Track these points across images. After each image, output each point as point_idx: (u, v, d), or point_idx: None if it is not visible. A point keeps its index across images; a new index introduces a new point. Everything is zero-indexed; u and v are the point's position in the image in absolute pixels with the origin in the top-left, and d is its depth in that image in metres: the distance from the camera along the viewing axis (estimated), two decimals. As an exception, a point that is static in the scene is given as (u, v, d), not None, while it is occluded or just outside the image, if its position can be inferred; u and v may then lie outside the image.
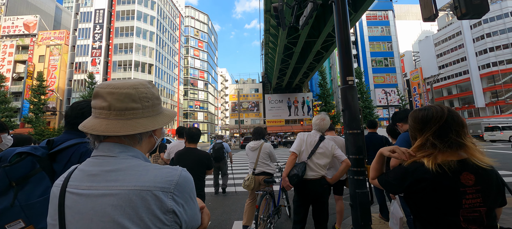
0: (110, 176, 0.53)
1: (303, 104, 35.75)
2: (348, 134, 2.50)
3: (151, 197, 0.51)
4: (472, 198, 0.84)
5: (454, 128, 0.90)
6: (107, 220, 0.49)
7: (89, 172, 0.55)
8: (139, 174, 0.54)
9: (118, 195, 0.51)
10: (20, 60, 36.01)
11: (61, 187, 0.55)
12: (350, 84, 2.57)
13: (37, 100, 28.37)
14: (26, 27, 36.18)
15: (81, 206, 0.51)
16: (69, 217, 0.51)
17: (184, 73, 54.31)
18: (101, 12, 35.97)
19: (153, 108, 0.63)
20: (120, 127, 0.56)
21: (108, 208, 0.50)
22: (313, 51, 19.67)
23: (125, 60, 35.45)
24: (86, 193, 0.52)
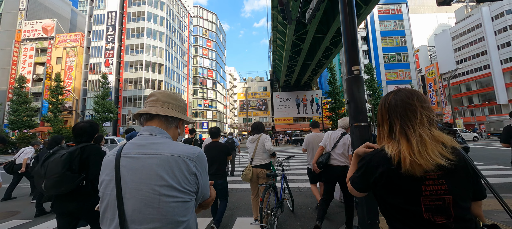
0: (153, 146, 0.80)
1: (312, 102, 35.21)
2: (353, 127, 2.35)
3: (182, 161, 0.79)
4: (433, 184, 0.75)
5: None
6: (152, 173, 0.75)
7: (138, 144, 0.81)
8: (173, 146, 0.82)
9: (160, 157, 0.77)
10: (39, 62, 37.89)
11: (116, 154, 0.80)
12: (356, 74, 2.41)
13: (55, 100, 29.75)
14: (45, 30, 37.97)
15: (134, 164, 0.77)
16: (123, 172, 0.76)
17: (193, 72, 55.03)
18: (113, 14, 37.07)
19: (181, 108, 0.96)
20: (161, 111, 0.89)
21: (153, 165, 0.76)
22: (321, 47, 19.25)
23: (136, 61, 36.38)
24: (137, 156, 0.78)
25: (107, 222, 0.74)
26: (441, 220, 0.74)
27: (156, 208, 0.72)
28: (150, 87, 36.30)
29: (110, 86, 32.08)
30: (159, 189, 0.73)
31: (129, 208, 0.72)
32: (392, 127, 0.84)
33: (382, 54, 36.23)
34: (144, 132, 0.85)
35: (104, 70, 35.05)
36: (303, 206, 4.17)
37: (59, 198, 1.80)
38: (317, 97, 34.94)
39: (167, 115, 0.89)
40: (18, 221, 3.84)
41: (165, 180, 0.74)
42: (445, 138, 0.79)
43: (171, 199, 0.74)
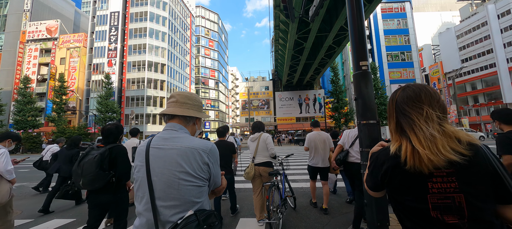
0: (174, 140, 0.99)
1: (315, 102, 34.97)
2: (361, 125, 2.25)
3: (197, 152, 0.96)
4: (442, 181, 0.72)
5: None
6: (173, 161, 0.93)
7: (163, 137, 1.00)
8: (190, 140, 0.99)
9: (179, 149, 0.96)
10: (43, 63, 38.26)
11: (146, 145, 0.99)
12: (364, 69, 2.31)
13: (59, 100, 30.02)
14: (49, 31, 38.32)
15: (159, 153, 0.95)
16: (151, 159, 0.95)
17: (195, 72, 55.13)
18: (116, 14, 37.27)
19: (198, 107, 1.13)
20: (180, 111, 1.05)
21: (174, 155, 0.94)
22: (324, 46, 19.08)
23: (139, 61, 36.53)
24: (162, 147, 0.97)
25: (139, 198, 0.94)
26: (452, 220, 0.70)
27: (176, 189, 0.90)
28: (152, 87, 36.42)
29: (113, 86, 32.26)
30: (178, 174, 0.91)
31: (156, 188, 0.90)
32: (398, 123, 0.83)
33: (386, 53, 35.81)
34: (168, 128, 1.03)
35: (107, 70, 35.26)
36: (307, 207, 4.08)
37: (92, 192, 2.15)
38: (320, 96, 34.69)
39: (186, 115, 1.06)
40: (19, 221, 3.81)
41: (183, 167, 0.92)
42: (460, 133, 0.75)
43: (188, 183, 0.92)
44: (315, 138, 3.77)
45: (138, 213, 0.93)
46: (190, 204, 0.90)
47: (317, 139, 3.75)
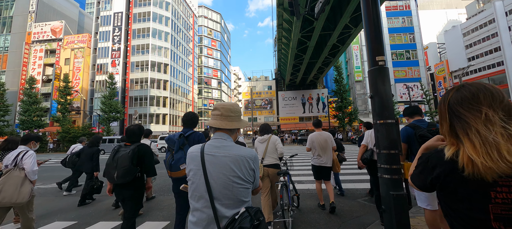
0: (225, 148, 1.13)
1: (318, 101, 34.69)
2: (378, 124, 2.09)
3: (245, 160, 1.11)
4: (508, 191, 0.65)
5: None
6: (227, 167, 1.08)
7: (214, 145, 1.14)
8: (239, 149, 1.14)
9: (231, 156, 1.10)
10: (48, 63, 38.67)
11: (201, 151, 1.12)
12: (381, 65, 2.15)
13: (63, 100, 30.27)
14: (53, 32, 38.70)
15: (214, 160, 1.09)
16: (207, 165, 1.08)
17: (198, 72, 55.20)
18: (119, 15, 37.46)
19: (239, 117, 1.25)
20: (226, 124, 1.18)
21: (227, 161, 1.09)
22: (328, 44, 18.84)
23: (142, 61, 36.68)
24: (215, 154, 1.11)
25: (196, 198, 1.09)
26: None
27: (231, 191, 1.06)
28: (155, 87, 36.54)
29: (116, 86, 32.43)
30: (232, 178, 1.06)
31: (214, 189, 1.05)
32: (452, 126, 0.76)
33: (390, 51, 35.34)
34: (217, 137, 1.17)
35: (111, 70, 35.47)
36: (315, 210, 3.92)
37: (117, 186, 2.42)
38: (323, 96, 34.41)
39: (231, 128, 1.20)
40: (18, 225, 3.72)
41: (235, 172, 1.07)
42: None
43: (239, 185, 1.08)
44: (316, 138, 3.86)
45: (196, 209, 1.08)
46: (240, 202, 1.07)
47: (318, 139, 3.84)
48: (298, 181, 6.06)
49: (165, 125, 36.98)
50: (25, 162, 2.74)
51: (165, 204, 4.47)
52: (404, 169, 2.02)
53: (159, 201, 4.71)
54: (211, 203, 1.03)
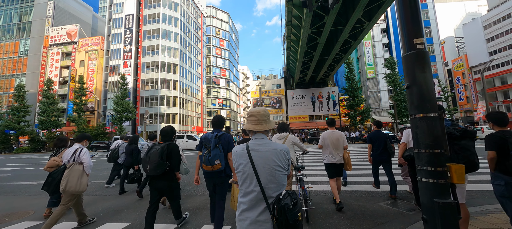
0: (266, 145, 1.38)
1: (328, 99, 33.87)
2: (417, 119, 1.77)
3: (282, 153, 1.36)
4: None
5: None
6: (270, 159, 1.32)
7: (257, 143, 1.39)
8: (276, 145, 1.39)
9: (272, 151, 1.35)
10: (64, 66, 40.23)
11: (246, 148, 1.37)
12: (420, 48, 1.82)
13: (78, 101, 31.36)
14: (69, 35, 40.20)
15: (259, 154, 1.34)
16: (254, 158, 1.34)
17: (207, 72, 55.61)
18: (130, 17, 38.31)
19: (269, 119, 1.50)
20: (262, 127, 1.44)
21: (270, 155, 1.34)
22: (339, 40, 18.23)
23: (153, 61, 37.33)
24: (259, 150, 1.36)
25: (247, 184, 1.34)
26: None
27: (274, 176, 1.32)
28: (165, 87, 37.08)
29: (128, 87, 33.20)
30: (274, 167, 1.32)
31: (262, 177, 1.31)
32: None
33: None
34: (258, 138, 1.43)
35: (123, 71, 36.35)
36: (332, 214, 3.60)
37: (153, 178, 2.88)
38: (334, 94, 33.54)
39: (266, 130, 1.47)
40: (30, 222, 3.68)
41: (276, 162, 1.34)
42: None
43: (280, 172, 1.34)
44: (329, 136, 4.00)
45: (247, 193, 1.34)
46: (281, 186, 1.34)
47: (331, 138, 3.98)
48: (312, 182, 5.75)
49: (175, 124, 37.49)
50: (82, 158, 3.27)
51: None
52: (450, 172, 1.69)
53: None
54: (260, 187, 1.30)
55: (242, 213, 1.33)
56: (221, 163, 2.70)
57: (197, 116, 46.29)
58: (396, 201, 4.10)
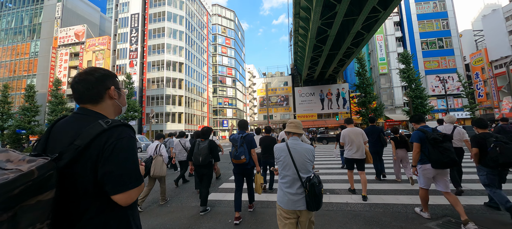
0: (299, 144, 2.03)
1: (338, 97, 32.46)
2: None
3: (310, 150, 2.01)
4: None
5: None
6: (303, 153, 1.98)
7: (294, 143, 2.06)
8: (306, 145, 2.03)
9: (304, 148, 2.00)
10: (73, 66, 40.68)
11: (286, 145, 2.02)
12: None
13: (85, 101, 31.44)
14: (76, 36, 40.60)
15: (296, 150, 1.99)
16: (292, 152, 1.98)
17: (212, 70, 55.14)
18: (136, 16, 38.22)
19: (301, 127, 2.20)
20: (298, 131, 2.13)
21: (302, 151, 1.99)
22: (351, 32, 17.02)
23: (158, 60, 37.09)
24: (295, 148, 2.00)
25: (286, 169, 1.96)
26: None
27: (305, 165, 1.93)
28: (171, 86, 36.77)
29: (134, 86, 33.05)
30: (305, 159, 1.94)
31: (297, 164, 1.92)
32: None
33: (420, 40, 31.97)
34: (293, 139, 2.07)
35: (129, 71, 36.30)
36: None
37: (198, 166, 3.96)
38: (344, 91, 32.10)
39: (301, 132, 2.14)
40: None
41: (307, 156, 1.96)
42: None
43: (309, 163, 1.95)
44: (349, 133, 4.34)
45: (286, 176, 1.96)
46: (309, 171, 1.93)
47: (351, 134, 4.32)
48: (330, 190, 4.83)
49: (181, 123, 37.15)
50: (162, 152, 4.51)
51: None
52: None
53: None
54: (297, 171, 1.90)
55: (284, 189, 1.95)
56: (246, 158, 3.44)
57: (203, 115, 45.88)
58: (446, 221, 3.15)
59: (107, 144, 0.85)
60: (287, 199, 1.88)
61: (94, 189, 0.83)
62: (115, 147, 0.86)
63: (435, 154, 2.85)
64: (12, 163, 0.68)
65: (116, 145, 0.86)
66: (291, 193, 1.88)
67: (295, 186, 1.87)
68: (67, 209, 0.79)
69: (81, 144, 0.82)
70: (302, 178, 1.86)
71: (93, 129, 0.85)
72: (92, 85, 0.97)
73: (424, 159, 3.07)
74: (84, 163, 0.82)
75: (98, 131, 0.85)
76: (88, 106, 0.96)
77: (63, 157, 0.79)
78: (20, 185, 0.63)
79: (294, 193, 1.87)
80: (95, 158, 0.83)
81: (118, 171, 0.85)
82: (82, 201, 0.82)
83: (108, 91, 1.02)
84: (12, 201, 0.62)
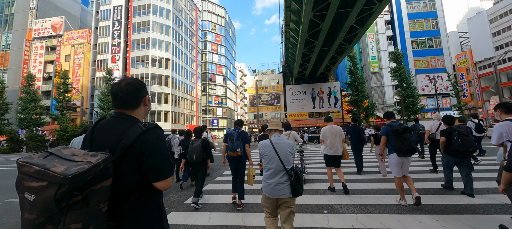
0: (282, 139, 2.31)
1: (330, 95, 31.92)
2: None
3: (291, 145, 2.30)
4: None
5: None
6: (285, 148, 2.25)
7: (277, 138, 2.31)
8: (287, 140, 2.32)
9: (286, 143, 2.28)
10: (49, 61, 37.78)
11: (270, 141, 2.29)
12: None
13: (62, 98, 29.03)
14: (53, 28, 37.73)
15: (278, 144, 2.25)
16: (276, 147, 2.24)
17: (202, 68, 53.41)
18: (119, 8, 35.98)
19: (282, 125, 2.52)
20: (279, 128, 2.42)
21: (285, 145, 2.26)
22: (344, 27, 16.26)
23: (143, 55, 35.08)
24: (278, 143, 2.26)
25: (271, 162, 2.19)
26: None
27: (287, 157, 2.20)
28: (156, 83, 34.90)
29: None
30: (287, 152, 2.21)
31: (281, 156, 2.17)
32: None
33: (410, 39, 32.02)
34: (276, 135, 2.33)
35: (111, 66, 34.07)
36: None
37: (193, 164, 4.13)
38: (335, 89, 31.60)
39: (282, 129, 2.40)
40: None
41: (288, 150, 2.23)
42: None
43: (290, 155, 2.23)
44: (328, 131, 4.64)
45: (271, 167, 2.18)
46: (290, 163, 2.19)
47: (327, 131, 4.64)
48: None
49: (167, 122, 35.36)
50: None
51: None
52: None
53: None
54: (281, 163, 2.14)
55: (267, 180, 2.16)
56: (241, 151, 3.84)
57: (192, 114, 44.14)
58: None
59: (148, 142, 1.04)
60: (270, 188, 2.11)
61: (137, 178, 1.03)
62: (155, 145, 1.05)
63: (397, 143, 3.44)
64: (78, 156, 0.88)
65: (155, 143, 1.06)
66: (274, 183, 2.10)
67: (278, 176, 2.12)
68: (117, 194, 0.98)
69: (127, 143, 1.01)
70: (286, 168, 2.12)
71: (135, 131, 1.05)
72: (135, 94, 1.16)
73: (391, 150, 3.65)
74: (130, 157, 1.01)
75: (139, 132, 1.04)
76: (127, 111, 1.14)
77: (114, 153, 0.99)
78: (92, 173, 0.83)
79: (276, 183, 2.09)
80: (138, 154, 1.02)
81: (159, 164, 1.05)
82: (128, 188, 1.01)
83: (144, 99, 1.20)
84: (86, 185, 0.82)
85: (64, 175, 0.77)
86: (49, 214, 0.78)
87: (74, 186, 0.79)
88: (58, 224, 0.80)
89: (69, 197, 0.79)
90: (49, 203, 0.77)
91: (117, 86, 1.13)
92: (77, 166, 0.82)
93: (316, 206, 3.72)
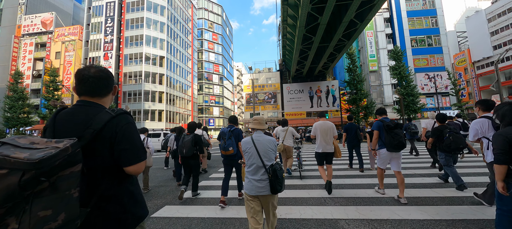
0: (263, 136, 2.28)
1: (328, 94, 31.20)
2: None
3: (272, 141, 2.28)
4: None
5: None
6: (266, 144, 2.23)
7: (258, 136, 2.28)
8: (268, 137, 2.30)
9: (266, 139, 2.26)
10: (39, 58, 36.57)
11: (251, 138, 2.27)
12: None
13: (51, 96, 27.95)
14: (43, 24, 36.54)
15: (259, 141, 2.24)
16: (256, 143, 2.23)
17: (198, 67, 52.47)
18: (112, 4, 34.94)
19: (265, 123, 2.51)
20: (261, 127, 2.39)
21: (265, 142, 2.24)
22: (344, 21, 15.54)
23: (136, 53, 34.08)
24: (259, 140, 2.25)
25: (252, 159, 2.17)
26: None
27: (268, 153, 2.17)
28: (150, 81, 33.93)
29: (107, 80, 29.90)
30: (267, 149, 2.18)
31: (261, 153, 2.15)
32: None
33: (409, 37, 31.51)
34: (258, 133, 2.30)
35: (103, 64, 33.00)
36: None
37: (185, 158, 4.20)
38: (333, 88, 30.91)
39: (264, 128, 2.37)
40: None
41: (269, 146, 2.20)
42: None
43: (271, 152, 2.20)
44: (320, 127, 4.54)
45: (252, 164, 2.17)
46: (271, 159, 2.17)
47: (321, 128, 4.52)
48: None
49: (161, 122, 34.40)
50: (149, 145, 4.93)
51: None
52: None
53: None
54: (260, 159, 2.13)
55: (249, 177, 2.18)
56: (233, 149, 3.78)
57: (187, 113, 43.18)
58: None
59: (118, 127, 1.02)
60: (251, 185, 2.12)
61: (109, 162, 1.01)
62: (126, 130, 1.04)
63: (388, 138, 3.54)
64: (39, 144, 0.82)
65: (126, 128, 1.04)
66: (255, 179, 2.12)
67: (259, 173, 2.12)
68: (89, 179, 0.96)
69: (96, 128, 0.98)
70: (266, 165, 2.13)
71: (104, 116, 1.02)
72: (106, 81, 1.13)
73: (382, 145, 3.74)
74: (100, 143, 0.99)
75: (108, 117, 1.02)
76: (94, 99, 1.09)
77: (82, 139, 0.95)
78: (60, 158, 0.79)
79: (258, 180, 2.10)
80: (108, 139, 1.00)
81: (131, 148, 1.04)
82: (97, 174, 0.99)
83: (113, 88, 1.19)
84: (54, 170, 0.78)
85: (29, 160, 0.72)
86: (11, 204, 0.72)
87: (40, 171, 0.73)
88: (23, 213, 0.73)
89: (34, 184, 0.74)
90: (11, 191, 0.71)
91: (86, 71, 1.08)
92: (42, 151, 0.76)
93: (310, 199, 3.95)
